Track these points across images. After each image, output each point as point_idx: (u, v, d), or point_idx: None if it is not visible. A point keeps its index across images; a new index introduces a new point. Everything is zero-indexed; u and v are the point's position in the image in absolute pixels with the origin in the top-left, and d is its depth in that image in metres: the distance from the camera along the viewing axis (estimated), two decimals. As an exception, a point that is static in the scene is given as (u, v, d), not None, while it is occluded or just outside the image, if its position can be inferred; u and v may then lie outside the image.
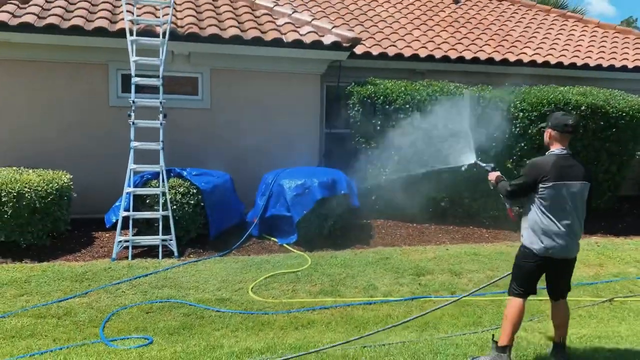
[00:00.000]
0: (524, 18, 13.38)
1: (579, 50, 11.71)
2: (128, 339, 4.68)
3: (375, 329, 4.97)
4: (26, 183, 6.74)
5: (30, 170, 7.33)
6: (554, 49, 11.62)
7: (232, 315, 5.30)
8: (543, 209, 3.98)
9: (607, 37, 12.84)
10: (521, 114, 8.46)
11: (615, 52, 11.90)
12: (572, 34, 12.72)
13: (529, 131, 8.44)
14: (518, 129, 8.45)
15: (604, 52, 11.85)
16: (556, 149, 4.04)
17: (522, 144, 8.48)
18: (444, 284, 6.32)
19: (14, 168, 7.47)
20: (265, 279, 6.29)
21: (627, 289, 6.29)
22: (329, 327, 5.08)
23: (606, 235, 8.68)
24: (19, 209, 6.62)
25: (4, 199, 6.56)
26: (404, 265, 6.89)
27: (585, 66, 11.05)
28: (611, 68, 11.18)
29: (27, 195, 6.66)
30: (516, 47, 11.40)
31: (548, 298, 4.32)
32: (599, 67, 11.13)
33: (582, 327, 5.09)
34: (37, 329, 4.85)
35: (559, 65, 10.92)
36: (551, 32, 12.64)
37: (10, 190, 6.60)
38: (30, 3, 8.20)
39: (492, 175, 4.56)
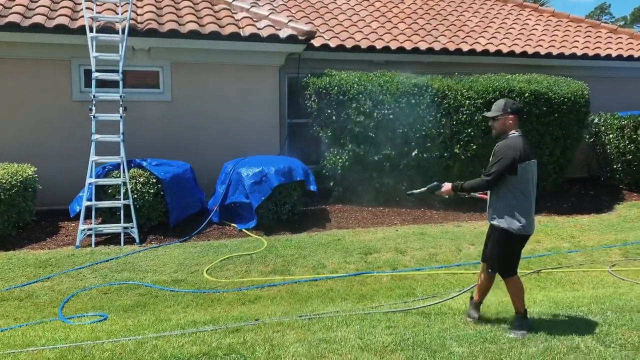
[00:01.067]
0: (482, 8, 13.84)
1: (531, 39, 12.22)
2: (84, 316, 5.05)
3: (317, 303, 5.42)
4: (-10, 176, 7.03)
5: (-5, 164, 7.61)
6: (508, 38, 12.10)
7: (185, 294, 5.70)
8: (520, 188, 4.20)
9: (560, 25, 13.38)
10: (467, 101, 8.92)
11: (566, 41, 12.43)
12: (527, 23, 13.23)
13: (475, 118, 8.91)
14: (465, 116, 8.91)
15: (555, 40, 12.37)
16: (517, 131, 4.31)
17: (469, 130, 8.94)
18: (388, 261, 6.78)
19: (-21, 162, 7.74)
20: (221, 262, 6.68)
21: (556, 262, 6.81)
22: (274, 301, 5.50)
23: (550, 214, 9.21)
24: (-16, 201, 6.91)
25: (-32, 192, 6.85)
26: (353, 245, 7.34)
27: (536, 54, 11.56)
28: (561, 56, 11.71)
29: (-9, 187, 6.95)
30: (471, 37, 11.87)
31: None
32: (549, 55, 11.65)
33: (506, 296, 5.56)
34: (-1, 310, 5.20)
35: (511, 54, 11.41)
36: (506, 22, 13.12)
37: (-26, 183, 6.89)
38: (-8, 2, 8.42)
39: (446, 188, 4.60)
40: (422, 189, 4.78)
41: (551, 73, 10.75)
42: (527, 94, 9.09)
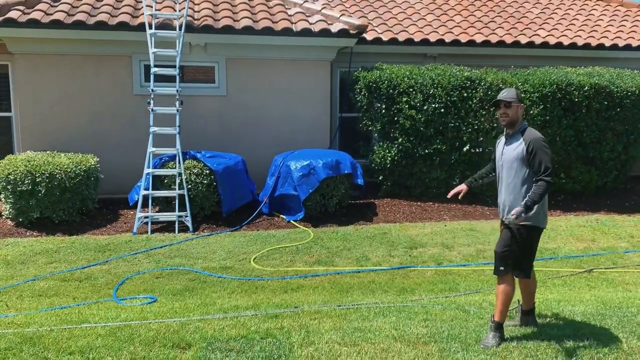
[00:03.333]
0: (544, -1, 13.36)
1: (595, 31, 11.69)
2: (136, 298, 5.35)
3: (358, 294, 5.50)
4: (57, 165, 7.52)
5: (62, 154, 8.11)
6: (570, 29, 11.64)
7: (232, 281, 5.91)
8: (533, 181, 3.97)
9: (628, 16, 12.71)
10: (523, 95, 8.67)
11: (634, 32, 11.80)
12: (592, 14, 12.66)
13: (531, 112, 8.65)
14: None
15: (622, 31, 11.77)
16: (525, 122, 4.12)
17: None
18: (434, 256, 6.74)
19: (47, 152, 8.27)
20: (268, 251, 6.87)
21: (611, 262, 6.54)
22: (315, 291, 5.61)
23: (609, 212, 8.82)
24: (51, 188, 7.40)
25: (38, 180, 7.36)
26: (399, 239, 7.34)
27: (600, 46, 11.06)
28: (627, 47, 11.14)
29: (58, 176, 7.43)
30: (530, 29, 11.49)
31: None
32: (614, 47, 11.11)
33: (550, 293, 5.43)
34: (60, 290, 5.59)
35: (572, 46, 10.97)
36: (569, 13, 12.61)
37: (43, 172, 7.38)
38: (61, 1, 8.95)
39: (517, 211, 3.82)
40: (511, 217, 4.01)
41: (617, 66, 10.30)
42: (586, 88, 8.74)
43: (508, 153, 4.05)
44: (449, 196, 4.71)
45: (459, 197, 4.63)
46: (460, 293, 5.46)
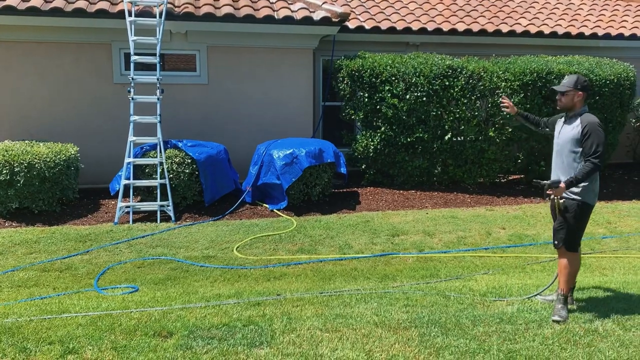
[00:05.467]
0: (525, -12, 13.41)
1: (576, 20, 11.81)
2: (117, 287, 5.32)
3: (340, 281, 5.54)
4: (36, 155, 7.41)
5: (41, 143, 7.99)
6: (551, 18, 11.73)
7: (214, 269, 5.91)
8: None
9: (608, 5, 12.84)
10: (504, 84, 8.75)
11: (613, 21, 11.94)
12: (573, 3, 12.78)
13: (512, 100, 8.73)
14: (501, 99, 8.72)
15: (601, 20, 11.91)
16: (585, 107, 4.38)
17: (504, 113, 8.74)
18: (415, 243, 6.80)
19: (26, 141, 8.14)
20: (251, 240, 6.87)
21: (589, 247, 6.66)
22: (298, 279, 5.64)
23: (588, 200, 8.95)
24: (30, 178, 7.30)
25: (16, 169, 7.24)
26: (382, 227, 7.38)
27: (580, 35, 11.18)
28: (607, 36, 11.28)
29: (37, 165, 7.32)
30: (512, 17, 11.56)
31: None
32: (594, 36, 11.24)
33: (529, 279, 5.52)
34: (40, 280, 5.54)
35: (553, 34, 11.07)
36: (550, 2, 12.70)
37: (21, 162, 7.27)
38: (38, -12, 8.78)
39: (562, 186, 4.18)
40: (546, 182, 4.28)
41: (597, 55, 10.40)
42: (566, 76, 8.81)
43: (565, 133, 4.37)
44: (502, 101, 5.08)
45: (507, 107, 5.00)
46: (441, 279, 5.53)
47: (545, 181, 4.30)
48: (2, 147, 7.56)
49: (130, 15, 8.11)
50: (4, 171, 7.19)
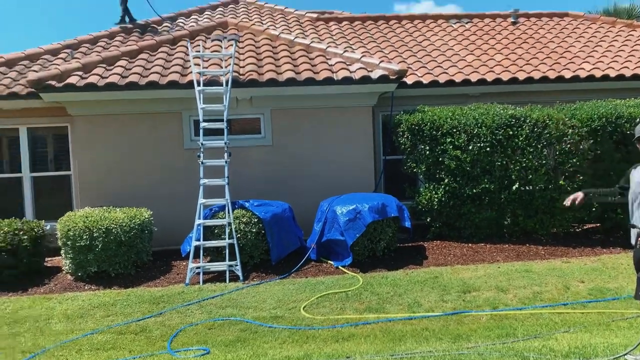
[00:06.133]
0: (586, 33, 13.23)
1: (643, 61, 11.44)
2: (189, 350, 5.41)
3: (411, 342, 5.38)
4: (113, 220, 7.82)
5: (117, 209, 8.44)
6: (616, 61, 11.43)
7: (282, 330, 5.90)
8: None
9: (677, 43, 12.40)
10: (570, 130, 8.51)
11: (685, 59, 11.48)
12: (639, 44, 12.40)
13: (581, 147, 8.45)
14: (569, 146, 8.49)
15: (672, 59, 11.48)
16: None
17: (574, 160, 8.49)
18: (488, 299, 6.54)
19: (104, 207, 8.62)
20: (317, 299, 6.84)
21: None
22: (367, 339, 5.52)
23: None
24: (108, 242, 7.69)
25: (95, 235, 7.66)
26: (451, 283, 7.17)
27: (650, 76, 10.79)
28: (679, 76, 10.83)
29: (114, 230, 7.73)
30: (574, 63, 11.36)
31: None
32: (664, 76, 10.82)
33: (616, 337, 5.15)
34: (117, 343, 5.72)
35: (620, 77, 10.75)
36: (614, 45, 12.41)
37: (100, 227, 7.69)
38: (115, 65, 9.52)
39: None
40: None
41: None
42: (638, 120, 8.48)
43: None
44: (565, 203, 4.99)
45: (575, 204, 4.91)
46: (518, 339, 5.26)
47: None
48: (82, 214, 8.04)
49: (199, 84, 8.62)
50: (84, 237, 7.62)
